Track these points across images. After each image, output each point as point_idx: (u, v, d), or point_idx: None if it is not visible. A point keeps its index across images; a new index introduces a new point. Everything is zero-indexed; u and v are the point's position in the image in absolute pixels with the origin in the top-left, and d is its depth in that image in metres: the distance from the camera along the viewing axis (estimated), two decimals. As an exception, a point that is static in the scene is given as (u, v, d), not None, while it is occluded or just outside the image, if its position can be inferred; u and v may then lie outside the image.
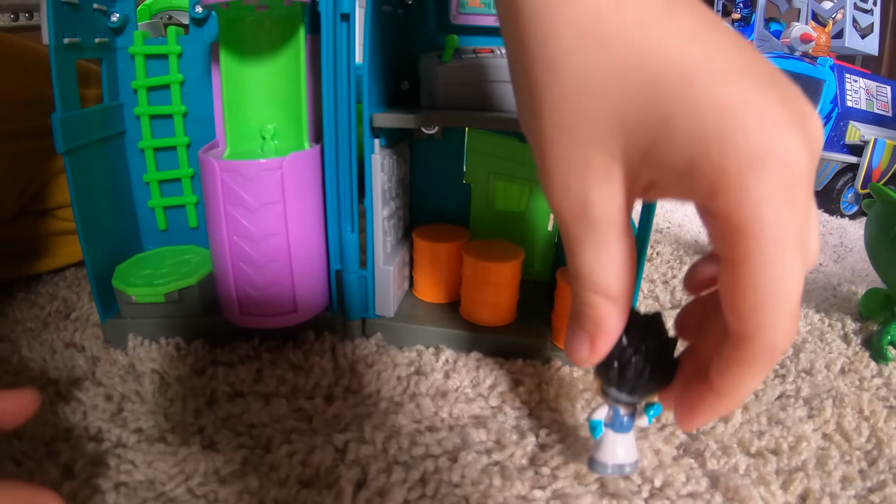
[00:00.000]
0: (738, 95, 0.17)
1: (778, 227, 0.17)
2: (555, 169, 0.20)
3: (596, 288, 0.21)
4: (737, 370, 0.19)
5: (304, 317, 0.38)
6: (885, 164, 0.93)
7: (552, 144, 0.20)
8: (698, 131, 0.17)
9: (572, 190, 0.20)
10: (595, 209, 0.19)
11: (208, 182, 0.35)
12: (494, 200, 0.45)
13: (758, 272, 0.17)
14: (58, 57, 0.35)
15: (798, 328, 0.38)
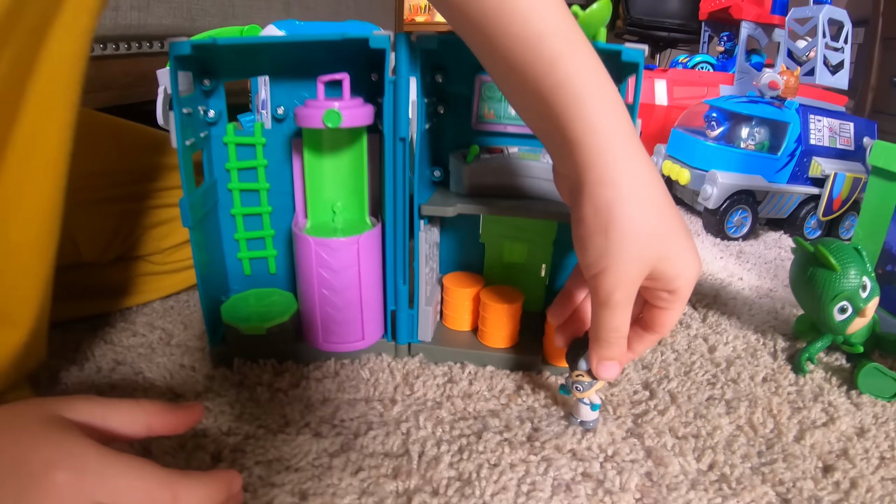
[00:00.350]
0: (685, 259, 0.43)
1: (687, 296, 0.43)
2: (620, 278, 0.42)
3: (623, 334, 0.45)
4: (652, 342, 0.47)
5: (368, 343, 0.59)
6: (846, 194, 1.14)
7: (619, 265, 0.42)
8: (669, 272, 0.42)
9: (628, 290, 0.43)
10: (631, 297, 0.44)
11: (303, 251, 0.55)
12: (502, 255, 0.66)
13: (675, 314, 0.43)
14: (184, 156, 0.55)
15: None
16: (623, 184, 0.41)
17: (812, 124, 1.14)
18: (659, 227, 0.42)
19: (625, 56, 0.52)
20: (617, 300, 0.43)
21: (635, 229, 0.41)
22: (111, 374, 0.60)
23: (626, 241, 0.41)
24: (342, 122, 0.51)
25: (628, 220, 0.41)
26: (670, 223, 0.43)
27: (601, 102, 0.41)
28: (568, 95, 0.41)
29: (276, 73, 0.60)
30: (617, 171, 0.41)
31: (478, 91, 0.59)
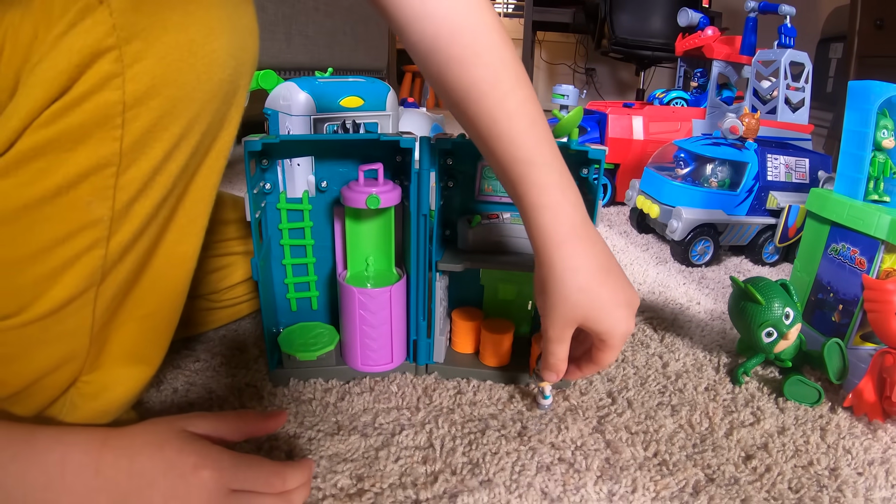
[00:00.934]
0: (619, 316, 0.65)
1: (618, 345, 0.67)
2: (554, 324, 0.67)
3: (560, 360, 0.69)
4: (594, 370, 0.70)
5: (396, 364, 0.82)
6: (800, 223, 1.38)
7: (555, 317, 0.66)
8: (597, 329, 0.66)
9: (559, 332, 0.67)
10: (565, 337, 0.67)
11: (347, 297, 0.78)
12: (497, 294, 0.89)
13: (608, 358, 0.67)
14: (255, 225, 0.77)
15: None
16: (558, 268, 0.64)
17: (770, 163, 1.38)
18: (585, 298, 0.64)
19: (590, 154, 0.75)
20: (550, 337, 0.68)
21: (562, 299, 0.64)
22: (187, 394, 0.81)
23: (555, 306, 0.65)
24: (380, 204, 0.74)
25: (557, 294, 0.65)
26: (601, 294, 0.64)
27: (560, 212, 0.64)
28: (534, 206, 0.64)
29: (320, 155, 0.83)
30: (558, 258, 0.63)
31: (479, 172, 0.82)
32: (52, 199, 0.46)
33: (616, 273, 0.67)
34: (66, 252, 0.49)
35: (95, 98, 0.45)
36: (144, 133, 0.48)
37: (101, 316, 0.55)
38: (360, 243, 0.82)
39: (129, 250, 0.53)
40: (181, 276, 0.62)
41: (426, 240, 0.77)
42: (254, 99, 1.54)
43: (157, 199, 0.53)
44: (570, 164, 0.82)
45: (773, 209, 1.38)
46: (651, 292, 1.20)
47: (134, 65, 0.46)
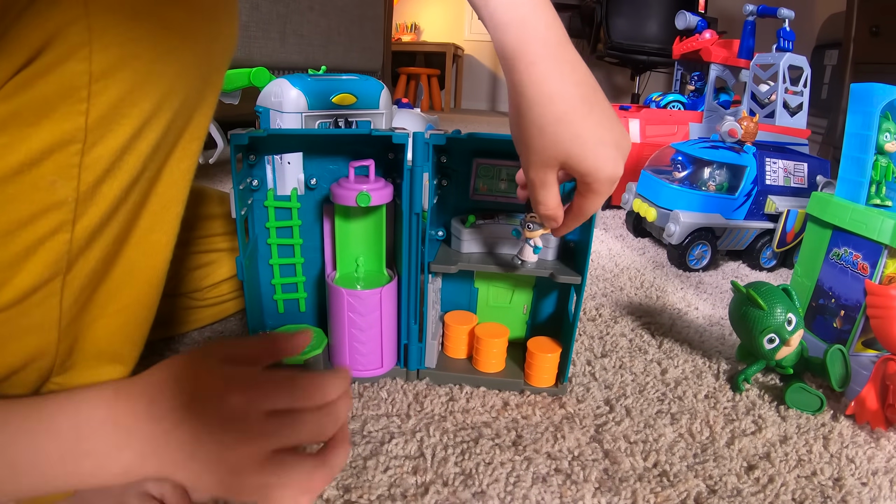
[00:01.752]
0: (604, 156, 0.54)
1: (604, 191, 0.57)
2: (533, 165, 0.58)
3: (551, 207, 0.61)
4: (578, 220, 0.63)
5: (386, 369, 0.78)
6: (798, 227, 1.36)
7: (532, 156, 0.58)
8: (580, 170, 0.55)
9: (540, 175, 0.58)
10: (549, 181, 0.59)
11: (335, 299, 0.75)
12: (492, 297, 0.86)
13: (592, 205, 0.59)
14: (240, 223, 0.74)
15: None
16: (529, 94, 0.54)
17: (768, 166, 1.36)
18: (564, 131, 0.54)
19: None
20: (533, 182, 0.59)
21: (538, 132, 0.55)
22: None
23: (531, 142, 0.56)
24: (371, 202, 0.71)
25: (532, 126, 0.55)
26: (583, 127, 0.54)
27: (528, 28, 0.54)
28: (499, 25, 0.54)
29: (309, 151, 0.80)
30: (528, 81, 0.54)
31: (474, 171, 0.79)
32: (13, 177, 0.43)
33: (602, 106, 0.56)
34: (28, 236, 0.45)
35: (61, 68, 0.42)
36: (112, 107, 0.45)
37: (69, 309, 0.51)
38: (349, 243, 0.79)
39: (97, 236, 0.49)
40: (156, 268, 0.58)
41: (418, 240, 0.74)
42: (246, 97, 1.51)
43: (126, 181, 0.49)
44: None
45: (772, 213, 1.35)
46: (648, 297, 1.17)
47: (103, 35, 0.42)
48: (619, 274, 1.29)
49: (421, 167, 0.71)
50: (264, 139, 0.76)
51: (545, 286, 0.85)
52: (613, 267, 1.33)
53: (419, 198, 0.72)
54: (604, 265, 1.35)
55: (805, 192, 1.40)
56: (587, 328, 1.01)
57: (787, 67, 1.54)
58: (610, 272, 1.30)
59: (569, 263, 0.79)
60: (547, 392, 0.81)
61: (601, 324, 1.04)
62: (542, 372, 0.80)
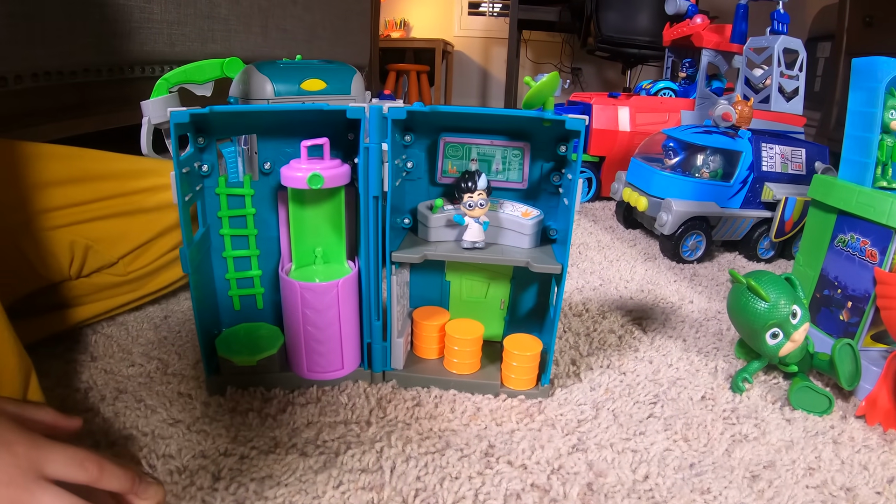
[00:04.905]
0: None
1: None
2: None
3: None
4: None
5: (347, 371, 0.69)
6: (797, 216, 1.26)
7: None
8: None
9: None
10: None
11: (289, 294, 0.65)
12: (465, 291, 0.76)
13: None
14: (184, 210, 0.64)
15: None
16: None
17: (764, 152, 1.27)
18: None
19: (568, 125, 0.63)
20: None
21: None
22: (115, 402, 0.69)
23: None
24: (324, 184, 0.61)
25: None
26: None
27: None
28: None
29: (263, 133, 0.70)
30: None
31: (442, 150, 0.70)
32: None
33: None
34: None
35: None
36: None
37: None
38: (306, 232, 0.70)
39: None
40: None
41: (378, 226, 0.64)
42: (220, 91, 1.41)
43: None
44: (546, 139, 0.71)
45: (769, 201, 1.26)
46: (640, 290, 1.08)
47: None
48: (608, 266, 1.20)
49: (378, 144, 0.62)
50: (213, 120, 0.67)
51: (524, 278, 0.76)
52: (602, 259, 1.24)
53: (376, 179, 0.63)
54: (592, 257, 1.26)
55: (803, 178, 1.31)
56: (573, 324, 0.92)
57: (782, 50, 1.45)
58: (598, 265, 1.20)
59: (548, 252, 0.70)
60: (525, 395, 0.71)
61: (588, 319, 0.94)
62: (521, 373, 0.71)
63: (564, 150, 0.70)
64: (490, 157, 0.71)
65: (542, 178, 0.73)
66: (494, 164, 0.71)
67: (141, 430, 0.64)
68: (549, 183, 0.72)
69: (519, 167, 0.71)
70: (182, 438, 0.63)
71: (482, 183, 0.66)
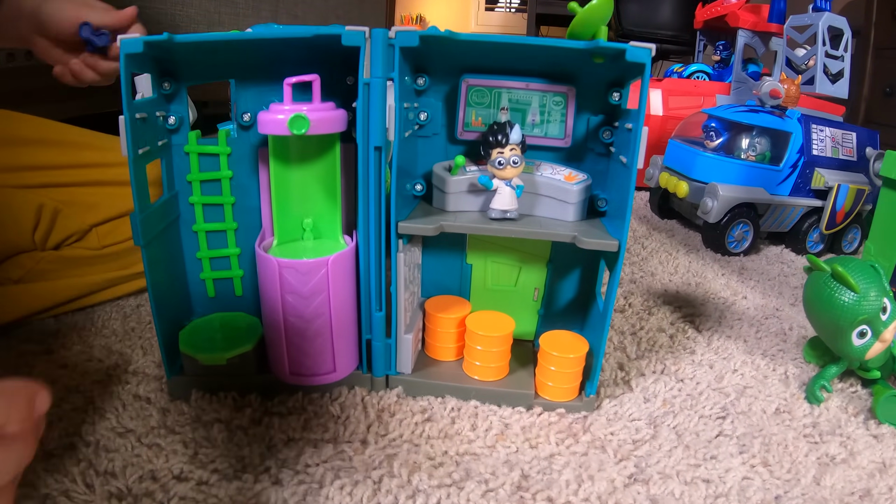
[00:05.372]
0: None
1: None
2: None
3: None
4: None
5: (340, 376, 0.52)
6: (849, 206, 1.08)
7: None
8: None
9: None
10: None
11: (268, 275, 0.48)
12: (491, 277, 0.59)
13: None
14: (136, 166, 0.48)
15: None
16: None
17: (814, 134, 1.08)
18: None
19: (629, 56, 0.46)
20: None
21: None
22: (61, 403, 0.53)
23: None
24: (310, 129, 0.44)
25: None
26: None
27: None
28: None
29: (242, 76, 0.54)
30: None
31: (464, 96, 0.52)
32: None
33: None
34: None
35: None
36: None
37: None
38: (291, 199, 0.53)
39: None
40: None
41: (379, 187, 0.47)
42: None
43: None
44: (594, 83, 0.54)
45: (819, 189, 1.07)
46: (685, 284, 0.90)
47: None
48: (647, 258, 1.01)
49: (382, 79, 0.45)
50: (179, 56, 0.50)
51: (565, 261, 0.58)
52: (640, 250, 1.05)
53: (379, 124, 0.46)
54: (629, 247, 1.07)
55: (855, 165, 1.13)
56: (615, 321, 0.74)
57: (827, 28, 1.27)
58: (637, 255, 1.02)
59: (599, 226, 0.52)
60: (566, 408, 0.54)
61: (632, 316, 0.76)
62: (560, 380, 0.53)
63: (618, 97, 0.53)
64: (524, 106, 0.53)
65: (589, 136, 0.56)
66: (530, 114, 0.54)
67: (84, 438, 0.49)
68: (598, 141, 0.55)
69: (561, 119, 0.54)
70: (130, 453, 0.47)
71: (516, 135, 0.49)
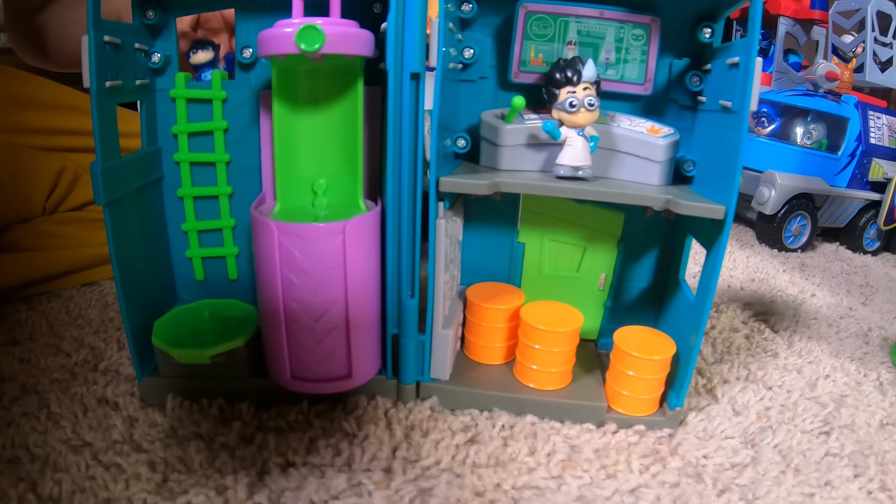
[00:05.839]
0: None
1: None
2: None
3: None
4: None
5: (358, 382, 0.38)
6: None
7: None
8: None
9: None
10: None
11: (263, 243, 0.35)
12: (547, 259, 0.45)
13: None
14: (99, 102, 0.34)
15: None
16: None
17: (872, 122, 0.94)
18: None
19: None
20: None
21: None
22: (12, 406, 0.40)
23: None
24: (325, 45, 0.31)
25: None
26: None
27: None
28: None
29: (244, 4, 0.40)
30: None
31: (521, 26, 0.38)
32: None
33: None
34: None
35: None
36: None
37: None
38: (300, 154, 0.39)
39: None
40: None
41: (413, 131, 0.33)
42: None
43: None
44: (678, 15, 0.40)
45: (877, 181, 0.93)
46: (749, 280, 0.75)
47: None
48: (701, 252, 0.86)
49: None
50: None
51: (639, 239, 0.44)
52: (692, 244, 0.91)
53: (417, 44, 0.32)
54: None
55: (912, 156, 0.98)
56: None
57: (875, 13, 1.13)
58: (690, 248, 0.87)
59: (689, 193, 0.38)
60: (645, 424, 0.40)
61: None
62: (640, 389, 0.40)
63: (710, 33, 0.39)
64: (597, 40, 0.39)
65: (672, 83, 0.42)
66: (603, 51, 0.40)
67: (31, 450, 0.36)
68: (683, 89, 0.41)
69: (641, 58, 0.40)
70: (82, 474, 0.34)
71: (590, 71, 0.35)
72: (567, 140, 0.36)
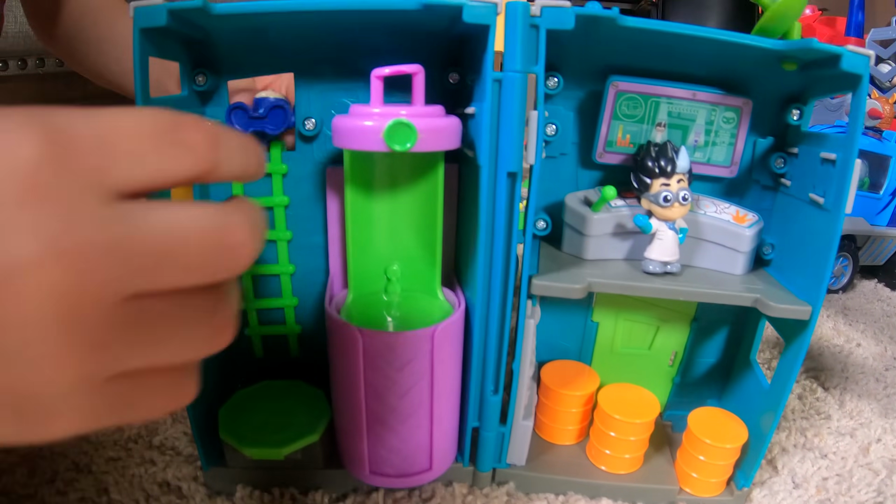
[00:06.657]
0: None
1: None
2: None
3: None
4: None
5: (437, 474, 0.37)
6: (946, 238, 0.93)
7: None
8: None
9: None
10: None
11: (345, 347, 0.34)
12: (620, 340, 0.44)
13: None
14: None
15: None
16: None
17: (912, 159, 0.94)
18: None
19: (846, 63, 0.32)
20: None
21: None
22: (67, 490, 0.40)
23: None
24: (417, 143, 0.30)
25: None
26: None
27: None
28: None
29: (304, 69, 0.40)
30: None
31: (610, 104, 0.38)
32: None
33: None
34: None
35: None
36: None
37: None
38: (374, 238, 0.39)
39: None
40: None
41: (509, 229, 0.33)
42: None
43: None
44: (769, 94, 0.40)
45: (917, 219, 0.93)
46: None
47: None
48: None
49: (521, 74, 0.31)
50: (218, 37, 0.36)
51: (711, 318, 0.44)
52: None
53: (515, 140, 0.31)
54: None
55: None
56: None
57: (914, 43, 1.12)
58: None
59: (768, 280, 0.38)
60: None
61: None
62: (710, 472, 0.40)
63: (798, 115, 0.39)
64: (688, 122, 0.39)
65: (755, 164, 0.41)
66: (693, 133, 0.39)
67: None
68: (766, 170, 0.41)
69: (730, 140, 0.40)
70: None
71: (684, 161, 0.35)
72: (657, 233, 0.36)
